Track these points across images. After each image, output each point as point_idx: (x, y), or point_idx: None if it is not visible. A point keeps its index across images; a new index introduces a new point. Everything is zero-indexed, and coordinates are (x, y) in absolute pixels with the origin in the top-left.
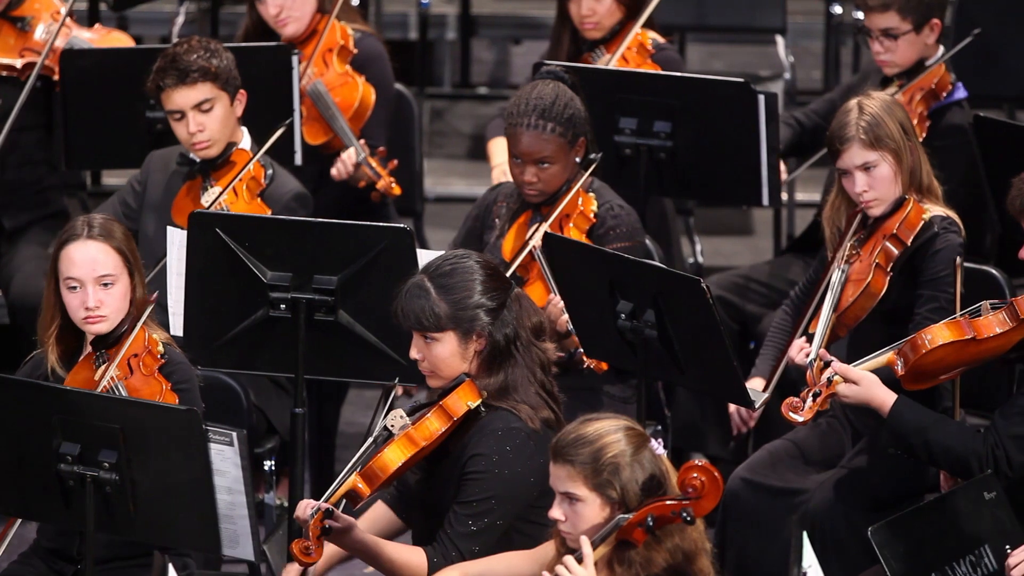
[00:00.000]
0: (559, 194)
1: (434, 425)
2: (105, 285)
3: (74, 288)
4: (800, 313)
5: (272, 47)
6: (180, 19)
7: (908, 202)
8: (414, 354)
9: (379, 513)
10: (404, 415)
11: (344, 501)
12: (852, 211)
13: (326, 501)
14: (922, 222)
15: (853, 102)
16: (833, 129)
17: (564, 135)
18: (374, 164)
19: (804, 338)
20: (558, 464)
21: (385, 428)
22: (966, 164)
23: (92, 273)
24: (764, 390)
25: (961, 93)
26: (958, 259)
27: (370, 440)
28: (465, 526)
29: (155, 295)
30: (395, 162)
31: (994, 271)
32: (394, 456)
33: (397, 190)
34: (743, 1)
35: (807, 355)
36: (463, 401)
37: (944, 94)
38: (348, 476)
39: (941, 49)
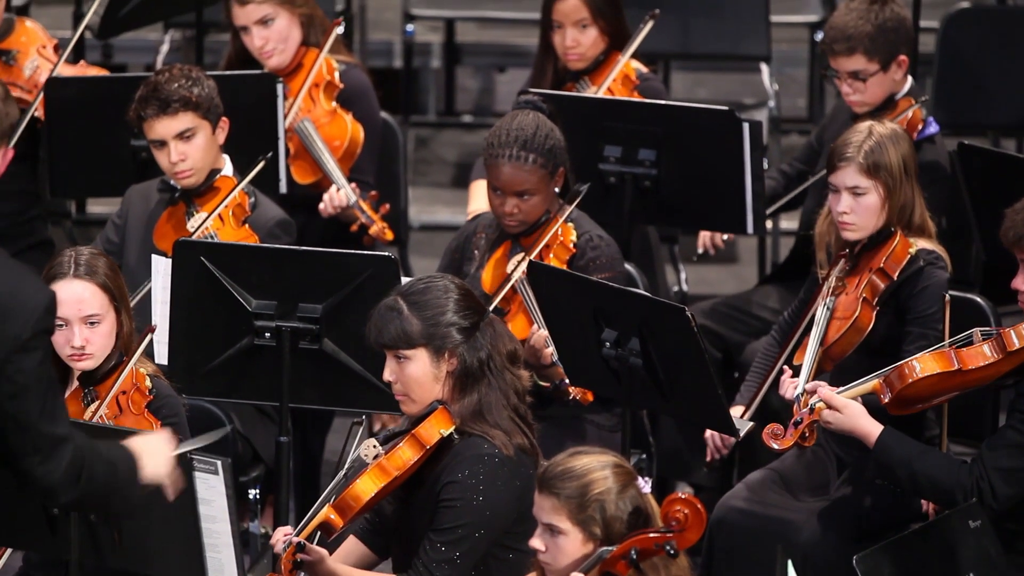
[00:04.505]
0: (538, 224)
1: (407, 454)
2: (91, 324)
3: (60, 326)
4: (785, 341)
5: (256, 75)
6: (165, 47)
7: (895, 236)
8: (387, 376)
9: (350, 548)
10: (377, 444)
11: (318, 533)
12: (840, 247)
13: (299, 534)
14: (909, 256)
15: (866, 124)
16: (837, 143)
17: (545, 166)
18: (366, 209)
19: (791, 372)
20: (543, 495)
21: (358, 458)
22: (945, 199)
23: (78, 313)
24: (742, 416)
25: (933, 128)
26: (946, 295)
27: (343, 471)
28: (440, 553)
29: (150, 334)
30: (387, 206)
31: (979, 299)
32: (366, 487)
33: (390, 235)
34: (727, 29)
35: (795, 387)
36: (436, 429)
37: (915, 133)
38: (321, 508)
39: (910, 81)
